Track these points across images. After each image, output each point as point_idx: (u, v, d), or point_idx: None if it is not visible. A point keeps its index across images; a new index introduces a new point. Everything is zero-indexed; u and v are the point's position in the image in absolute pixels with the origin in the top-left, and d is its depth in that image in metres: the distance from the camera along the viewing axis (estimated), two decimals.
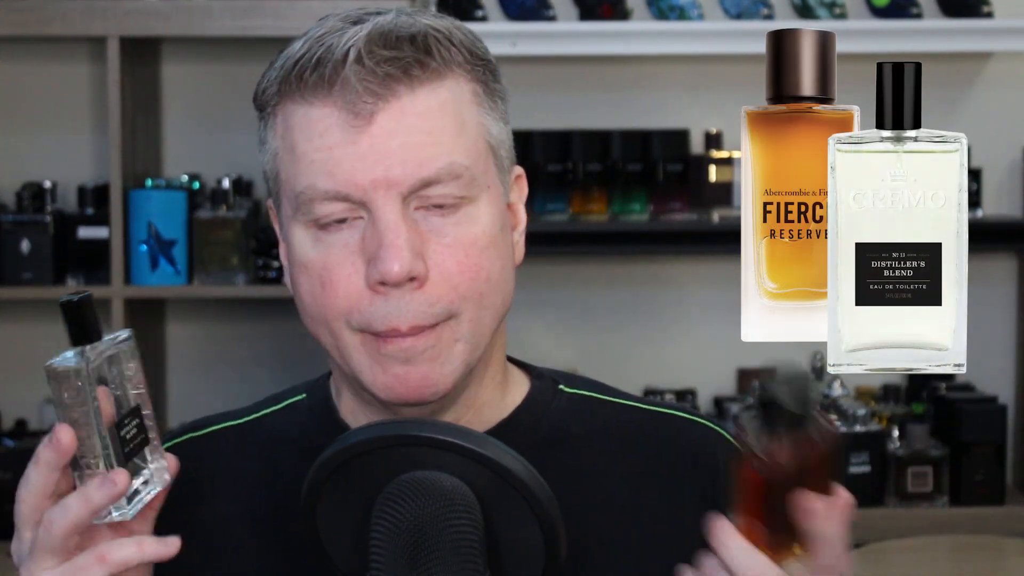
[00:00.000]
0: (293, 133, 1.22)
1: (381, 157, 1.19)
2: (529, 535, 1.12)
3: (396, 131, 1.19)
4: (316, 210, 1.21)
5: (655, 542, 1.29)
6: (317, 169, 1.20)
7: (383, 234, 1.18)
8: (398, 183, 1.19)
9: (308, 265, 1.22)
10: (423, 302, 1.20)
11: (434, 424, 1.14)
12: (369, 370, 1.22)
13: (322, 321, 1.23)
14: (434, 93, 1.20)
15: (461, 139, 1.21)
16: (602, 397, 1.37)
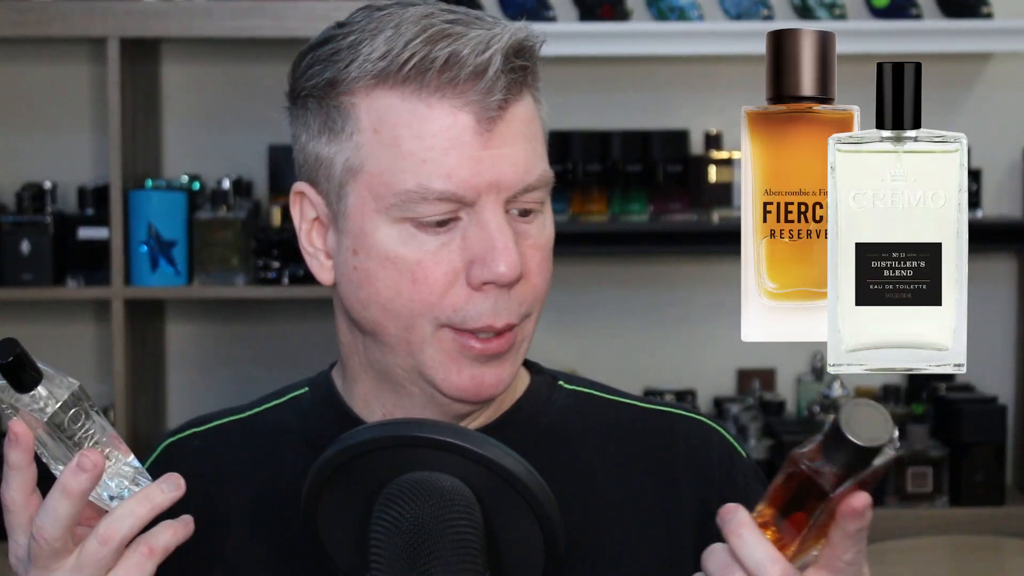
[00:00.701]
0: (396, 128, 1.22)
1: (496, 162, 1.21)
2: (529, 535, 1.12)
3: (509, 138, 1.22)
4: (421, 209, 1.21)
5: (650, 537, 1.29)
6: (431, 169, 1.21)
7: (494, 237, 1.21)
8: (508, 187, 1.22)
9: (397, 261, 1.22)
10: (515, 301, 1.23)
11: (434, 424, 1.14)
12: (442, 367, 1.24)
13: (404, 315, 1.23)
14: (527, 102, 1.25)
15: (544, 147, 1.26)
16: (600, 394, 1.38)
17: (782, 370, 3.64)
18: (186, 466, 1.24)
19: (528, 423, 1.32)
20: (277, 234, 3.30)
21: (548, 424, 1.33)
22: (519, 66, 1.21)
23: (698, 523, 1.30)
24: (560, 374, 1.39)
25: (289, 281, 3.28)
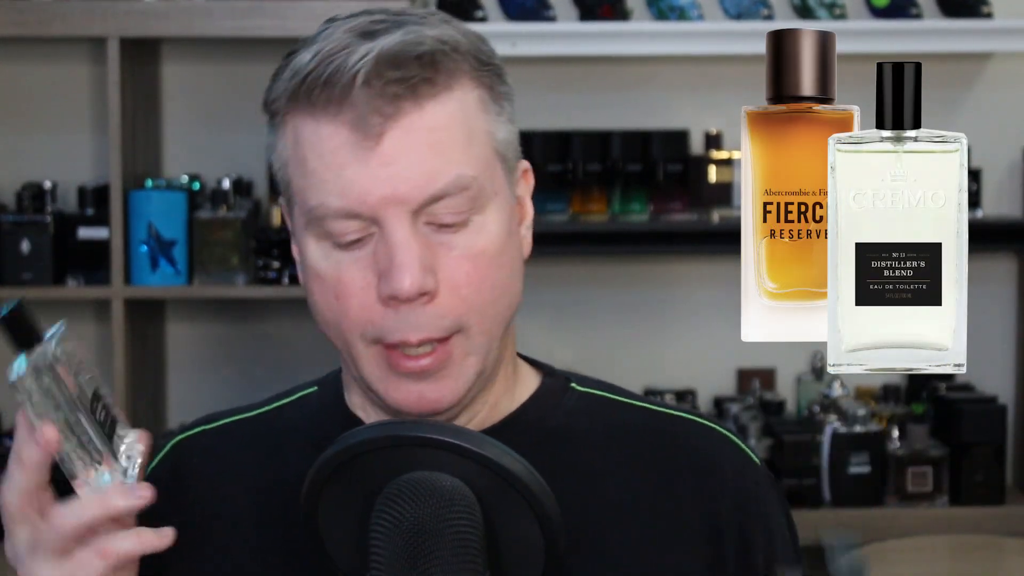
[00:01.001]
0: (303, 148, 1.22)
1: (390, 175, 1.19)
2: (529, 535, 1.12)
3: (404, 148, 1.19)
4: (330, 227, 1.21)
5: (654, 542, 1.29)
6: (329, 188, 1.20)
7: (394, 251, 1.19)
8: (407, 200, 1.19)
9: (322, 277, 1.23)
10: (433, 315, 1.21)
11: (434, 424, 1.14)
12: (381, 382, 1.24)
13: (336, 330, 1.24)
14: (441, 106, 1.21)
15: (469, 150, 1.22)
16: (612, 396, 1.37)
17: (782, 370, 3.64)
18: (193, 464, 1.25)
19: (533, 426, 1.31)
20: (277, 234, 3.30)
21: (554, 427, 1.32)
22: (398, 78, 1.18)
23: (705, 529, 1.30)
24: (574, 376, 1.38)
25: (289, 281, 3.28)
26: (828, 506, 3.35)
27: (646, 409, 1.36)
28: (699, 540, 1.30)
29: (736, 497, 1.31)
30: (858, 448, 3.34)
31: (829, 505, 3.35)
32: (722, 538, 1.30)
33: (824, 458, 3.36)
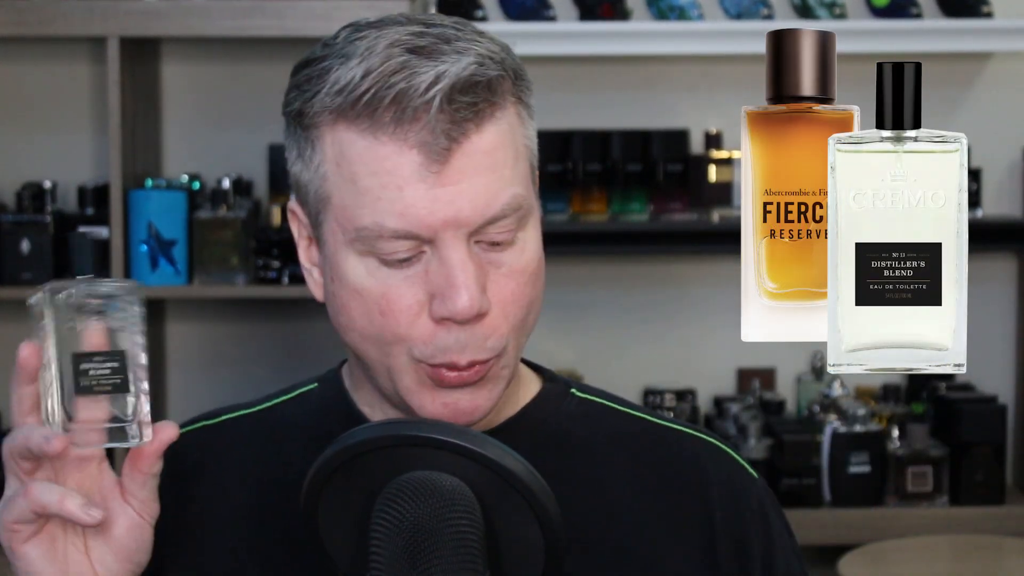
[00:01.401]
0: (354, 165, 1.21)
1: (453, 198, 1.19)
2: (529, 535, 1.12)
3: (465, 172, 1.19)
4: (381, 246, 1.20)
5: (650, 547, 1.29)
6: (385, 207, 1.19)
7: (453, 273, 1.19)
8: (467, 223, 1.19)
9: (363, 292, 1.22)
10: (481, 336, 1.21)
11: (434, 424, 1.14)
12: (417, 395, 1.23)
13: (378, 343, 1.23)
14: (496, 127, 1.21)
15: (517, 167, 1.22)
16: (611, 405, 1.37)
17: (782, 370, 3.64)
18: (192, 458, 1.25)
19: (532, 429, 1.31)
20: (277, 234, 3.30)
21: (553, 431, 1.32)
22: (467, 103, 1.18)
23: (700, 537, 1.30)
24: (574, 383, 1.38)
25: (289, 281, 3.28)
26: (828, 506, 3.35)
27: (644, 420, 1.36)
28: (694, 547, 1.30)
29: (730, 506, 1.31)
30: (858, 448, 3.34)
31: (829, 505, 3.36)
32: (716, 546, 1.30)
33: (824, 458, 3.36)
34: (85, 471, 1.17)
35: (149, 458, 1.16)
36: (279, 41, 3.24)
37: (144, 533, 1.17)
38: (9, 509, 1.15)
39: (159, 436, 1.16)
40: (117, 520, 1.17)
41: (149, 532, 1.18)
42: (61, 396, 1.14)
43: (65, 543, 1.17)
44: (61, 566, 1.16)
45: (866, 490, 3.34)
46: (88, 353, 1.15)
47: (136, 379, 1.16)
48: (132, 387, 1.15)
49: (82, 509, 1.13)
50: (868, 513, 3.33)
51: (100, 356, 1.15)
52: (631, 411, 1.37)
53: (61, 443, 1.12)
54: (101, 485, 1.18)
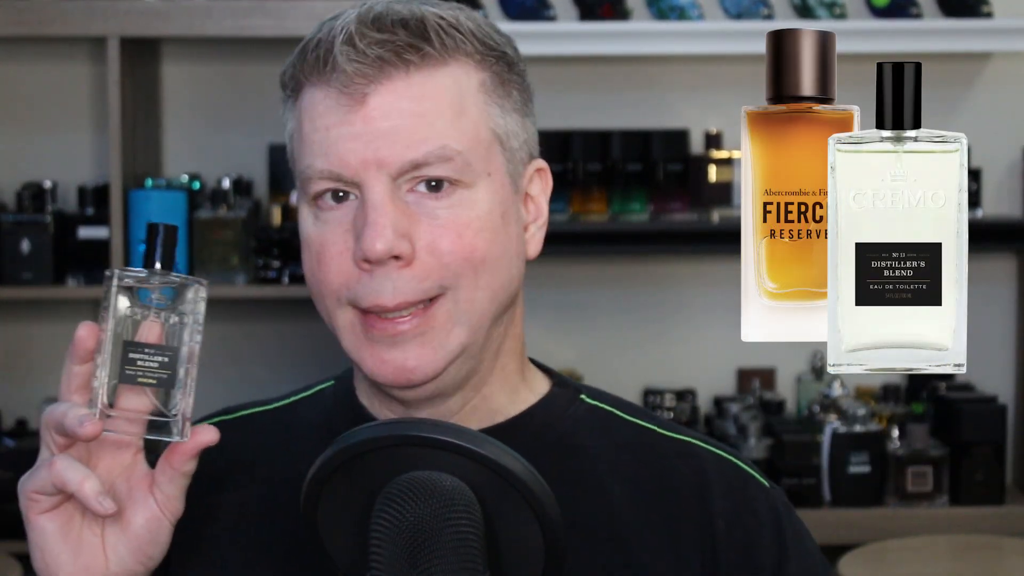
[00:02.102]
0: (301, 115, 1.25)
1: (372, 138, 1.21)
2: (529, 535, 1.12)
3: (388, 113, 1.21)
4: (313, 189, 1.23)
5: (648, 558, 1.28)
6: (316, 150, 1.23)
7: (368, 213, 1.20)
8: (387, 163, 1.21)
9: (309, 243, 1.25)
10: (411, 279, 1.21)
11: (434, 424, 1.14)
12: (358, 351, 1.24)
13: (320, 298, 1.26)
14: (431, 78, 1.22)
15: (457, 124, 1.23)
16: (620, 414, 1.36)
17: (782, 370, 3.64)
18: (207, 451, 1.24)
19: (536, 432, 1.31)
20: (277, 233, 3.30)
21: (558, 435, 1.32)
22: (380, 40, 1.20)
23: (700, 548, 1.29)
24: (585, 388, 1.38)
25: (289, 281, 3.28)
26: (828, 506, 3.35)
27: (652, 431, 1.35)
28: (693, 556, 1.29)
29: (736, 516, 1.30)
30: (858, 448, 3.34)
31: (829, 505, 3.36)
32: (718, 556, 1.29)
33: (824, 458, 3.36)
34: (119, 457, 1.18)
35: (183, 456, 1.16)
36: (279, 41, 3.24)
37: (162, 529, 1.17)
38: (33, 478, 1.15)
39: (197, 437, 1.16)
40: (138, 511, 1.17)
41: (167, 529, 1.18)
42: (108, 380, 1.14)
43: (81, 524, 1.17)
44: (73, 545, 1.16)
45: (866, 490, 3.34)
46: (140, 344, 1.15)
47: (184, 376, 1.16)
48: (178, 384, 1.16)
49: (97, 496, 1.13)
50: (868, 513, 3.33)
51: (151, 348, 1.15)
52: (640, 422, 1.36)
53: (94, 429, 1.12)
54: (131, 474, 1.18)
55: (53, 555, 1.16)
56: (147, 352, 1.15)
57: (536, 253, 1.31)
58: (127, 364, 1.14)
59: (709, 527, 1.30)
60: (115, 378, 1.14)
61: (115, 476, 1.18)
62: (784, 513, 1.33)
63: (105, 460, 1.17)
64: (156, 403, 1.15)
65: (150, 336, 1.15)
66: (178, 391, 1.16)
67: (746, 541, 1.30)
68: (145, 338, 1.15)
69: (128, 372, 1.14)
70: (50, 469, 1.13)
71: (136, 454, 1.18)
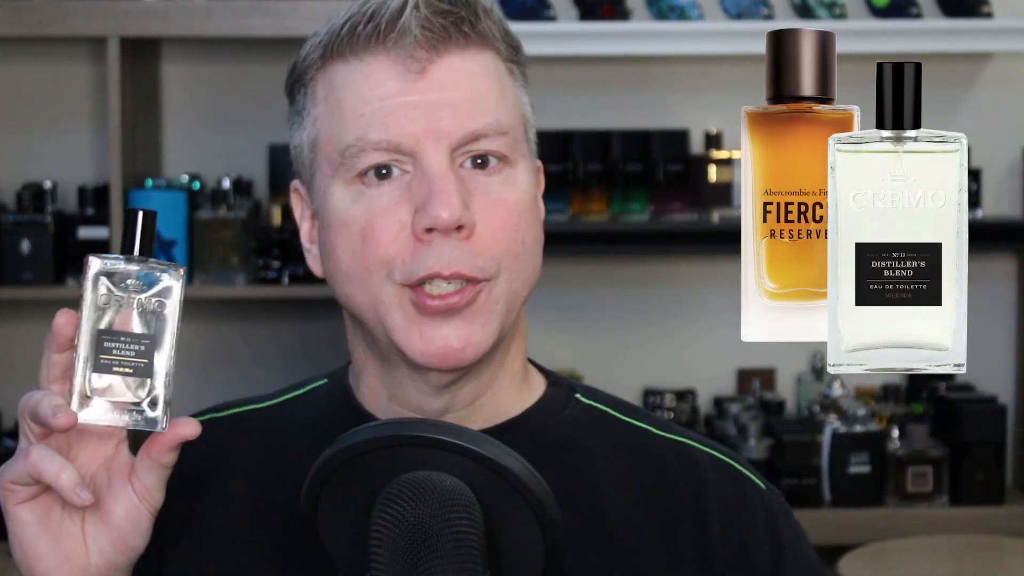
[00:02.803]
0: (339, 92, 1.23)
1: (433, 108, 1.21)
2: (529, 535, 1.12)
3: (447, 84, 1.21)
4: (363, 161, 1.21)
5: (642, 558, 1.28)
6: (368, 121, 1.21)
7: (433, 181, 1.19)
8: (448, 134, 1.21)
9: (349, 222, 1.23)
10: (467, 252, 1.21)
11: (434, 424, 1.14)
12: (405, 332, 1.22)
13: (362, 276, 1.23)
14: (479, 58, 1.24)
15: (504, 103, 1.24)
16: (616, 414, 1.36)
17: (782, 370, 3.64)
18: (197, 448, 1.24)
19: (534, 432, 1.31)
20: (277, 233, 3.30)
21: (555, 436, 1.32)
22: (444, 10, 1.22)
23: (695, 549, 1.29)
24: (579, 387, 1.38)
25: (289, 281, 3.28)
26: (828, 506, 3.35)
27: (647, 431, 1.35)
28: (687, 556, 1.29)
29: (730, 517, 1.30)
30: (858, 448, 3.34)
31: (829, 505, 3.36)
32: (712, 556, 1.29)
33: (824, 458, 3.36)
34: (100, 447, 1.17)
35: (161, 447, 1.15)
36: (279, 41, 3.24)
37: (142, 519, 1.16)
38: (10, 468, 1.14)
39: (176, 429, 1.15)
40: (118, 501, 1.16)
41: (148, 519, 1.16)
42: (85, 369, 1.13)
43: (61, 515, 1.16)
44: (54, 536, 1.15)
45: (866, 490, 3.34)
46: (116, 332, 1.14)
47: (160, 365, 1.15)
48: (154, 372, 1.15)
49: (73, 487, 1.11)
50: (868, 513, 3.33)
51: (128, 336, 1.14)
52: (635, 422, 1.36)
53: (67, 419, 1.11)
54: (112, 464, 1.17)
55: (32, 546, 1.15)
56: (123, 340, 1.14)
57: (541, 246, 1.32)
58: (103, 353, 1.13)
59: (704, 528, 1.29)
60: (92, 366, 1.14)
61: (95, 466, 1.17)
62: (780, 515, 1.33)
63: (86, 450, 1.16)
64: (134, 392, 1.14)
65: (127, 324, 1.14)
66: (157, 379, 1.15)
67: (741, 542, 1.30)
68: (122, 326, 1.14)
69: (104, 361, 1.13)
70: (26, 459, 1.12)
71: (119, 444, 1.17)
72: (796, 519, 1.35)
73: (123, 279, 1.14)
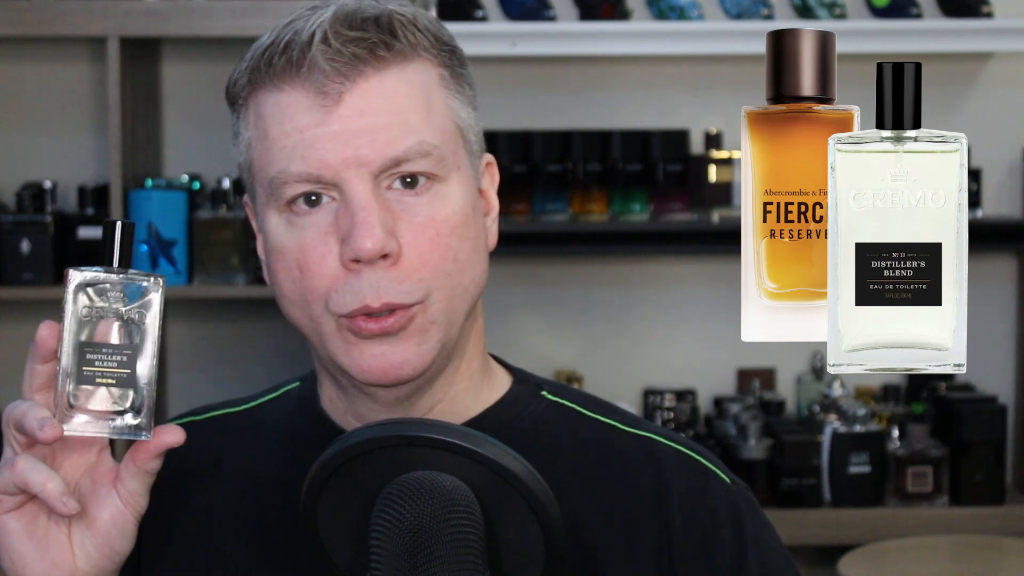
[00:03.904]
0: (264, 120, 1.23)
1: (351, 137, 1.20)
2: (529, 535, 1.12)
3: (365, 111, 1.21)
4: (288, 193, 1.22)
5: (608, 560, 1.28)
6: (289, 153, 1.21)
7: (355, 212, 1.19)
8: (368, 162, 1.20)
9: (283, 250, 1.23)
10: (395, 279, 1.20)
11: (434, 424, 1.14)
12: (346, 353, 1.23)
13: (301, 305, 1.24)
14: (401, 75, 1.22)
15: (429, 120, 1.23)
16: (581, 410, 1.36)
17: (782, 370, 3.64)
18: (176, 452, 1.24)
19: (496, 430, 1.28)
20: None
21: (516, 435, 1.30)
22: (355, 37, 1.20)
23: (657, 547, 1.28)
24: (547, 384, 1.37)
25: None
26: (828, 506, 3.35)
27: (612, 427, 1.35)
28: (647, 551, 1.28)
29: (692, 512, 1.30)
30: (858, 448, 3.34)
31: (829, 505, 3.36)
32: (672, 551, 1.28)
33: (824, 458, 3.36)
34: (83, 455, 1.18)
35: (146, 455, 1.16)
36: None
37: (127, 524, 1.17)
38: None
39: (161, 437, 1.16)
40: (103, 507, 1.17)
41: (132, 524, 1.17)
42: (68, 381, 1.14)
43: (47, 522, 1.17)
44: (40, 543, 1.16)
45: (866, 490, 3.34)
46: (98, 344, 1.15)
47: (143, 375, 1.16)
48: (137, 382, 1.15)
49: (60, 497, 1.12)
50: (868, 513, 3.33)
51: (109, 348, 1.15)
52: (600, 417, 1.35)
53: (53, 432, 1.11)
54: (96, 471, 1.18)
55: (19, 554, 1.16)
56: (105, 352, 1.15)
57: (494, 244, 1.31)
58: (85, 364, 1.14)
59: (666, 525, 1.29)
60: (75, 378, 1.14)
61: (79, 473, 1.17)
62: (745, 511, 1.32)
63: (70, 458, 1.17)
64: (118, 402, 1.15)
65: (108, 335, 1.15)
66: (140, 389, 1.15)
67: (703, 539, 1.29)
68: (103, 337, 1.14)
69: (87, 372, 1.14)
70: (12, 469, 1.13)
71: (101, 451, 1.18)
72: (763, 514, 1.35)
73: (104, 291, 1.15)
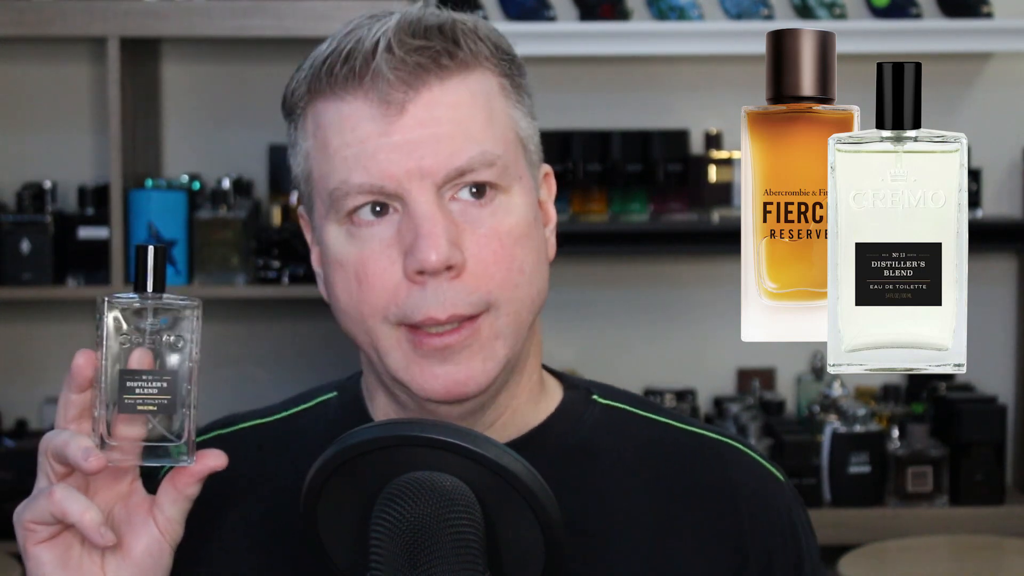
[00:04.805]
0: (324, 131, 1.21)
1: (414, 147, 1.18)
2: (529, 535, 1.12)
3: (427, 121, 1.19)
4: (349, 204, 1.20)
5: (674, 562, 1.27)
6: (351, 164, 1.19)
7: (419, 224, 1.18)
8: (432, 173, 1.18)
9: (343, 262, 1.21)
10: (460, 291, 1.19)
11: (434, 424, 1.14)
12: (407, 370, 1.21)
13: (359, 319, 1.22)
14: (463, 84, 1.21)
15: (491, 129, 1.21)
16: (636, 411, 1.35)
17: (782, 370, 3.64)
18: None
19: (555, 442, 1.29)
20: (277, 233, 3.30)
21: (576, 443, 1.30)
22: (419, 46, 1.19)
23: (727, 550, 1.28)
24: (596, 386, 1.36)
25: (289, 281, 3.28)
26: (828, 506, 3.35)
27: (669, 426, 1.34)
28: (720, 561, 1.27)
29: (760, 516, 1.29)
30: (858, 448, 3.34)
31: (829, 505, 3.36)
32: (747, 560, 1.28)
33: (824, 458, 3.36)
34: (117, 485, 1.16)
35: (189, 479, 1.15)
36: (279, 41, 3.24)
37: (163, 554, 1.16)
38: (31, 508, 1.13)
39: (205, 461, 1.15)
40: (138, 537, 1.16)
41: (168, 554, 1.16)
42: (107, 410, 1.12)
43: (81, 553, 1.15)
44: (73, 574, 1.15)
45: (866, 490, 3.34)
46: (137, 371, 1.13)
47: (185, 399, 1.14)
48: (179, 407, 1.14)
49: (98, 528, 1.11)
50: (868, 513, 3.33)
51: (149, 375, 1.13)
52: (656, 416, 1.35)
53: (98, 463, 1.10)
54: (129, 500, 1.17)
55: None
56: (145, 379, 1.13)
57: (554, 255, 1.30)
58: (126, 393, 1.13)
59: (738, 527, 1.28)
60: (113, 407, 1.13)
61: (113, 503, 1.16)
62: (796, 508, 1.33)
63: (105, 488, 1.16)
64: (160, 428, 1.14)
65: (145, 362, 1.13)
66: (181, 413, 1.14)
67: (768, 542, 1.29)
68: (140, 364, 1.13)
69: (127, 401, 1.13)
70: (50, 499, 1.12)
71: (133, 481, 1.17)
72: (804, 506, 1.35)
73: (139, 317, 1.14)
